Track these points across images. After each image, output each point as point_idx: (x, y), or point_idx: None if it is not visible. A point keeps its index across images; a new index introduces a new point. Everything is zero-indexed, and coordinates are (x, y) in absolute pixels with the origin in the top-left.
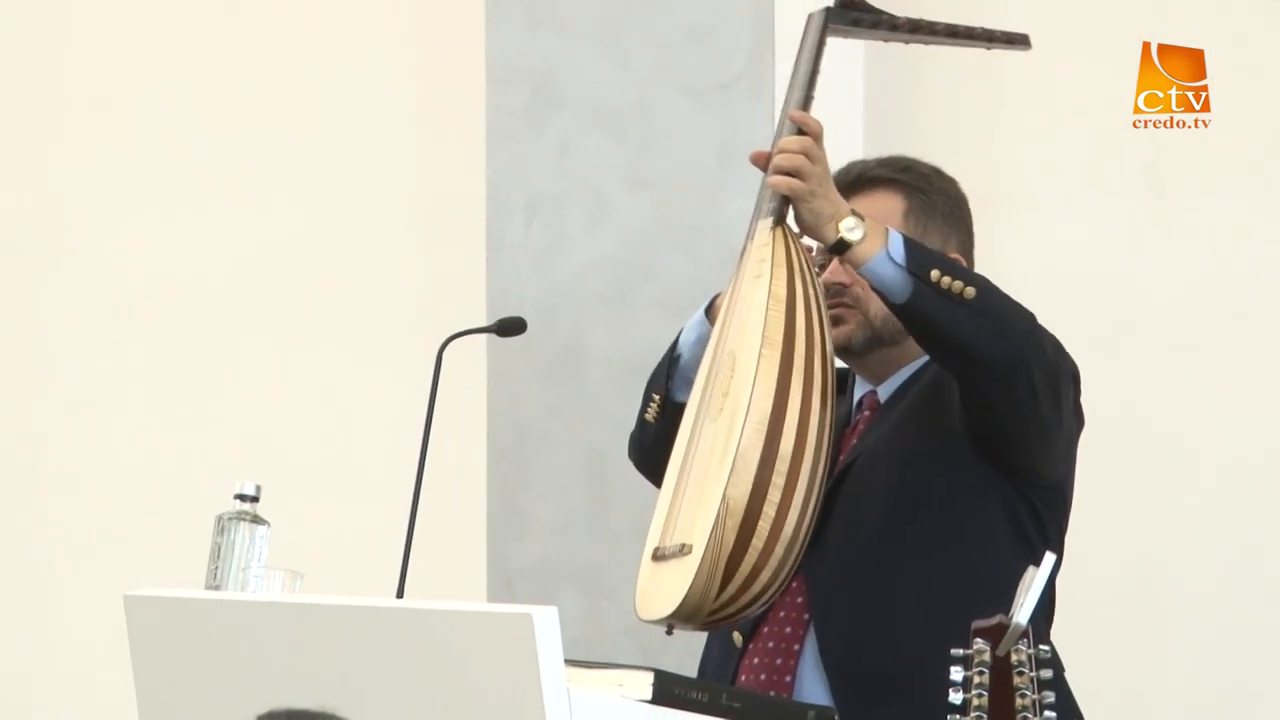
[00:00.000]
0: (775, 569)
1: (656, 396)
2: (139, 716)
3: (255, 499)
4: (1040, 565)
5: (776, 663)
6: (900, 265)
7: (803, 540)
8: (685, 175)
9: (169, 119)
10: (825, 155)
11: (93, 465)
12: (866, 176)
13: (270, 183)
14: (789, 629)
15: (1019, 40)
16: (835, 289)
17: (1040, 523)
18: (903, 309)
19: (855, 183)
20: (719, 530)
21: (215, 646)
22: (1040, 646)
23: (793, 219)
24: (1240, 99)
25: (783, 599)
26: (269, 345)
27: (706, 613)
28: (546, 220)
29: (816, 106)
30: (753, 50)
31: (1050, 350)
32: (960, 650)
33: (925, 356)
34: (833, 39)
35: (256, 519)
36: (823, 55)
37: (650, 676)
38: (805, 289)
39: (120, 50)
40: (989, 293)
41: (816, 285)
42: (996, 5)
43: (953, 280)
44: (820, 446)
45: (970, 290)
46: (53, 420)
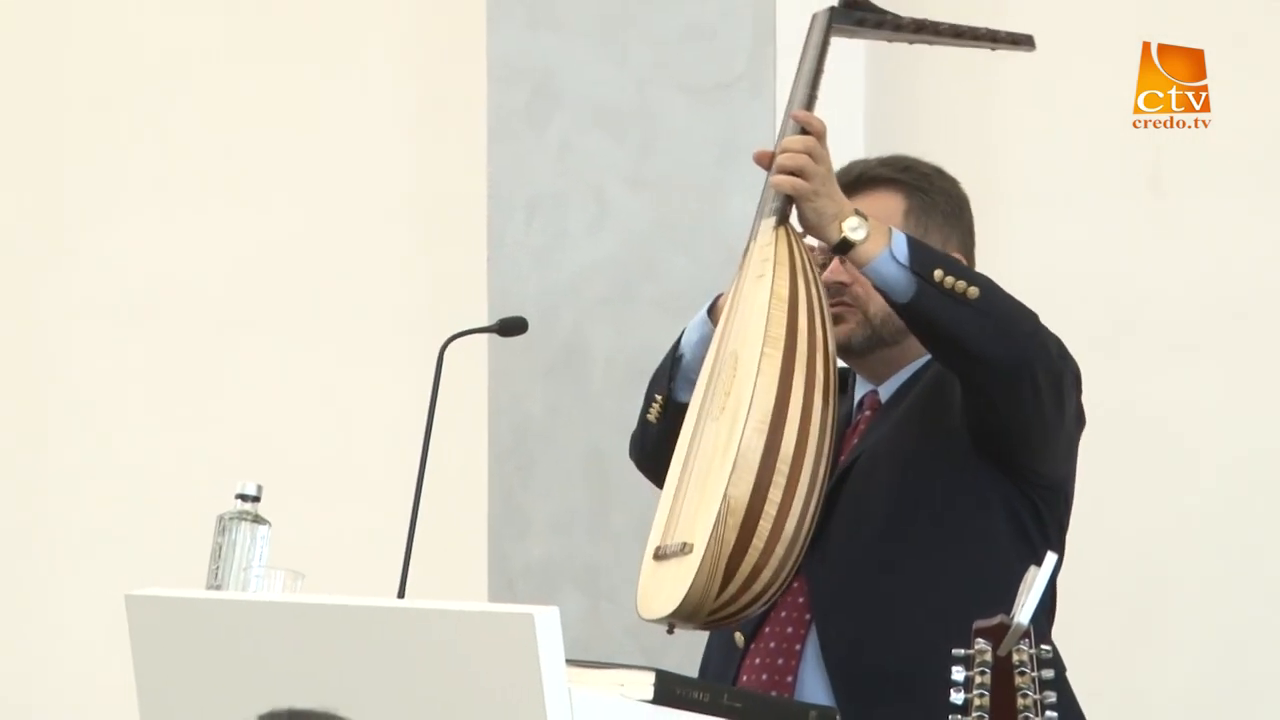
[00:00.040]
0: (776, 568)
1: (659, 397)
2: (140, 717)
3: (256, 499)
4: (1041, 565)
5: (778, 663)
6: (904, 265)
7: (804, 540)
8: (686, 175)
9: (169, 119)
10: (829, 155)
11: (93, 465)
12: (867, 176)
13: (270, 183)
14: (790, 629)
15: (1023, 41)
16: (835, 288)
17: (1041, 522)
18: (906, 309)
19: (856, 182)
20: (720, 529)
21: (216, 646)
22: (1042, 646)
23: (796, 218)
24: (1240, 99)
25: (784, 599)
26: (269, 345)
27: (707, 612)
28: (547, 220)
29: (818, 106)
30: (753, 50)
31: (1054, 351)
32: (962, 650)
33: (926, 356)
34: (836, 39)
35: (258, 519)
36: (827, 55)
37: (651, 676)
38: (808, 289)
39: (120, 50)
40: (992, 293)
41: (819, 285)
42: (996, 5)
43: (956, 280)
44: (822, 446)
45: (974, 290)
46: (53, 420)
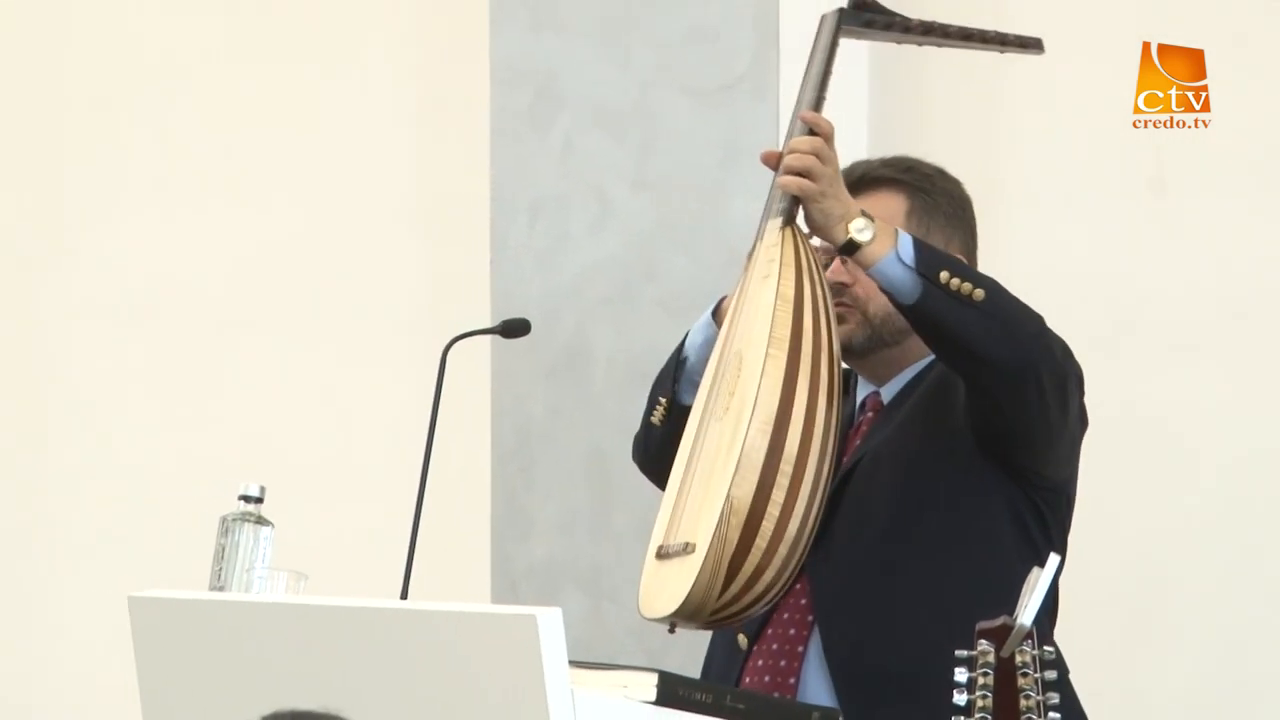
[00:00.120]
0: (779, 569)
1: (663, 399)
2: (143, 718)
3: (259, 500)
4: (1044, 566)
5: (781, 664)
6: (909, 267)
7: (806, 540)
8: (688, 176)
9: (169, 119)
10: (836, 156)
11: (93, 465)
12: (870, 176)
13: (271, 183)
14: (793, 630)
15: (1032, 44)
16: (835, 289)
17: (1044, 524)
18: (911, 310)
19: (858, 182)
20: (723, 529)
21: (219, 648)
22: (1045, 648)
23: (802, 219)
24: (1240, 99)
25: (787, 600)
26: (270, 345)
27: (709, 612)
28: (550, 221)
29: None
30: (756, 51)
31: (1059, 353)
32: (964, 651)
33: (928, 358)
34: (845, 40)
35: (260, 520)
36: (835, 56)
37: (654, 678)
38: (813, 289)
39: (120, 50)
40: (998, 295)
41: (825, 286)
42: (997, 6)
43: (962, 282)
44: (825, 447)
45: (979, 292)
46: (53, 420)
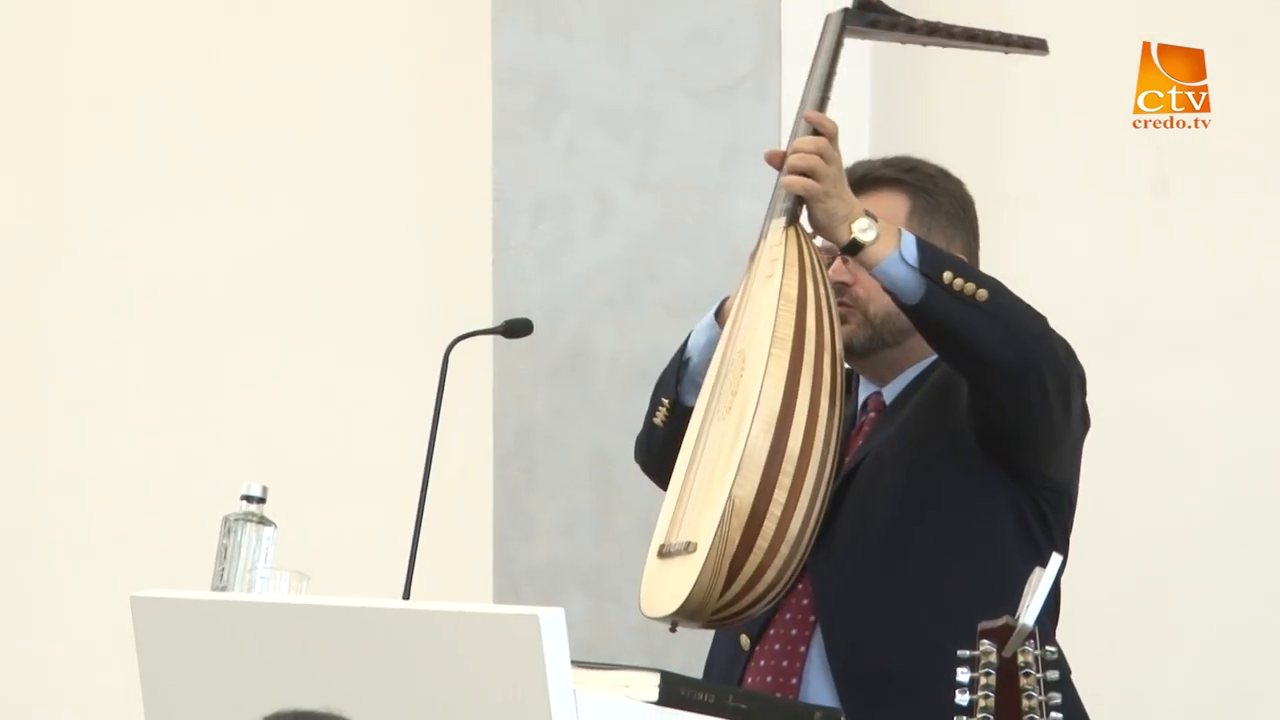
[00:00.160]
0: (780, 569)
1: (665, 401)
2: (145, 718)
3: (262, 500)
4: (1046, 566)
5: (783, 665)
6: (913, 267)
7: (808, 540)
8: (690, 177)
9: (169, 119)
10: (840, 156)
11: (93, 465)
12: (872, 176)
13: (271, 183)
14: (795, 631)
15: (1036, 45)
16: (836, 288)
17: (1046, 524)
18: (915, 310)
19: (860, 182)
20: (724, 529)
21: (222, 648)
22: (1047, 648)
23: (806, 219)
24: (1240, 99)
25: (789, 601)
26: (271, 346)
27: (710, 611)
28: (552, 222)
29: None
30: (758, 52)
31: (1061, 354)
32: (966, 651)
33: (930, 358)
34: (849, 40)
35: (263, 520)
36: (840, 56)
37: (656, 678)
38: (817, 289)
39: (120, 50)
40: (1001, 295)
41: (828, 286)
42: (998, 6)
43: (965, 282)
44: (828, 447)
45: (983, 293)
46: (53, 420)
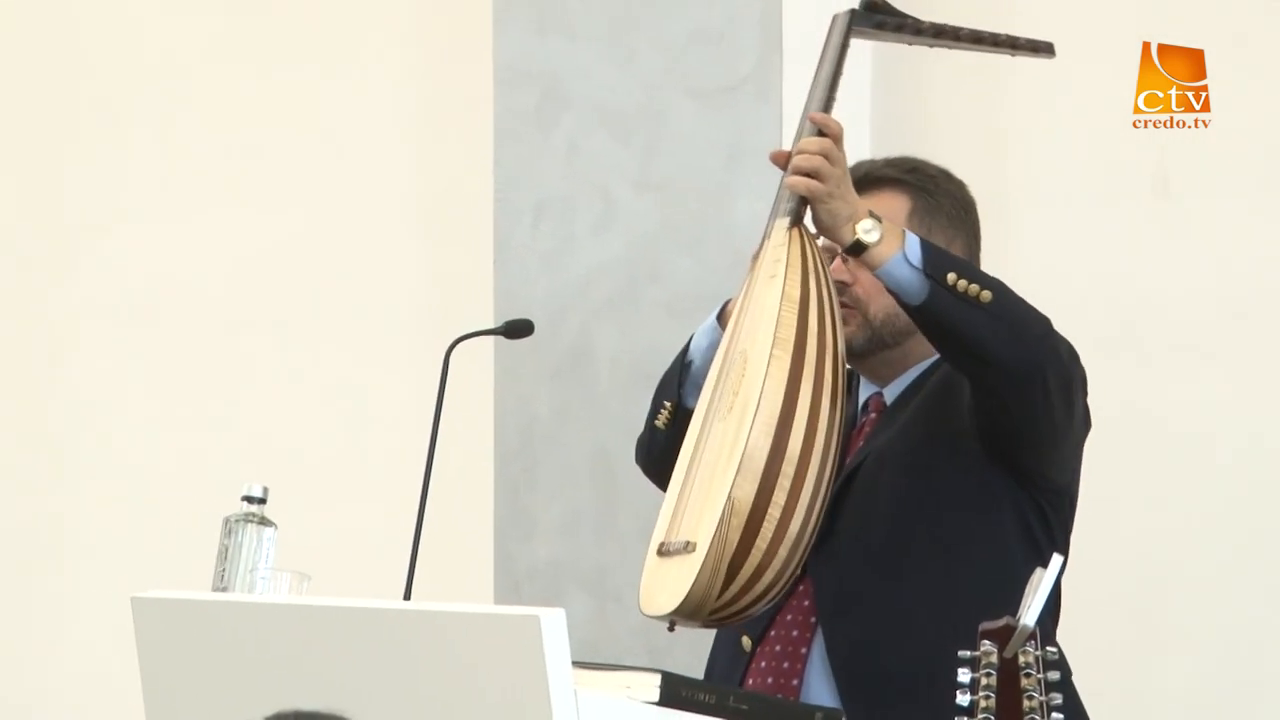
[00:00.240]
0: (779, 569)
1: (668, 404)
2: (146, 718)
3: (263, 501)
4: (1047, 567)
5: (784, 666)
6: (916, 268)
7: (808, 541)
8: (692, 178)
9: (169, 119)
10: (845, 157)
11: (94, 466)
12: (873, 176)
13: (273, 184)
14: (796, 632)
15: (1043, 48)
16: (836, 287)
17: (1047, 525)
18: (918, 311)
19: (862, 182)
20: (723, 530)
21: (223, 648)
22: (1048, 648)
23: (810, 220)
24: (1240, 99)
25: (790, 602)
26: (272, 346)
27: (709, 611)
28: (554, 222)
29: None
30: (760, 53)
31: (1065, 356)
32: (968, 652)
33: (930, 359)
34: (858, 42)
35: (264, 521)
36: (846, 57)
37: (658, 678)
38: (819, 291)
39: (121, 51)
40: (1005, 297)
41: (831, 287)
42: (999, 6)
43: (969, 284)
44: (828, 448)
45: (986, 294)
46: (54, 420)
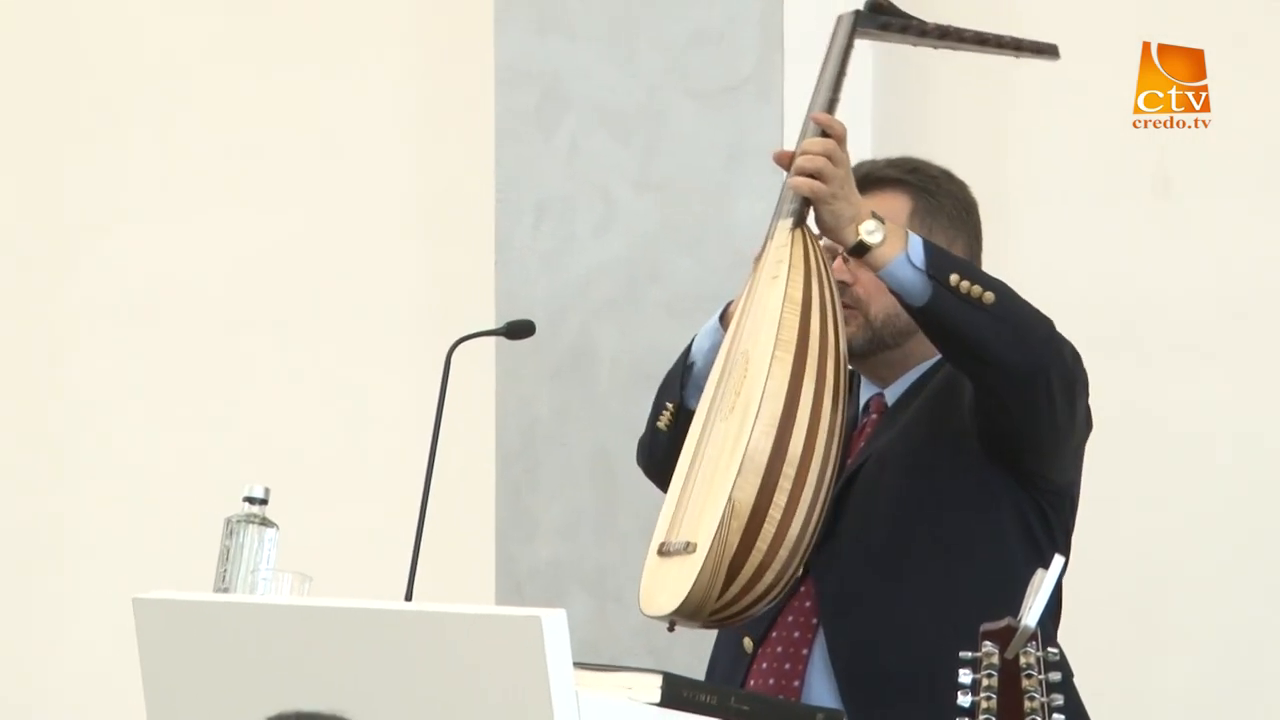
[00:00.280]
0: (779, 570)
1: (670, 405)
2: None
3: (264, 501)
4: (1048, 568)
5: (785, 667)
6: (919, 269)
7: (808, 543)
8: (693, 178)
9: (169, 119)
10: (848, 158)
11: (94, 466)
12: (874, 176)
13: (273, 184)
14: (797, 633)
15: (1048, 50)
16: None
17: (1048, 526)
18: (921, 313)
19: (863, 182)
20: (724, 531)
21: (224, 649)
22: (1049, 649)
23: (813, 220)
24: (1240, 99)
25: (791, 603)
26: (273, 346)
27: (709, 612)
28: (554, 222)
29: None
30: (761, 53)
31: (1068, 357)
32: (969, 653)
33: (931, 360)
34: (859, 41)
35: (265, 522)
36: (850, 58)
37: (659, 679)
38: (821, 292)
39: (120, 50)
40: (1008, 298)
41: (834, 289)
42: (999, 6)
43: (972, 285)
44: (829, 450)
45: (989, 295)
46: (54, 420)
